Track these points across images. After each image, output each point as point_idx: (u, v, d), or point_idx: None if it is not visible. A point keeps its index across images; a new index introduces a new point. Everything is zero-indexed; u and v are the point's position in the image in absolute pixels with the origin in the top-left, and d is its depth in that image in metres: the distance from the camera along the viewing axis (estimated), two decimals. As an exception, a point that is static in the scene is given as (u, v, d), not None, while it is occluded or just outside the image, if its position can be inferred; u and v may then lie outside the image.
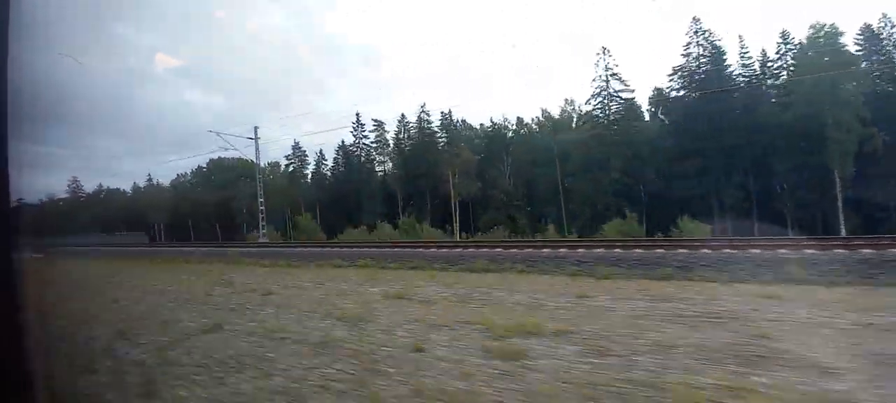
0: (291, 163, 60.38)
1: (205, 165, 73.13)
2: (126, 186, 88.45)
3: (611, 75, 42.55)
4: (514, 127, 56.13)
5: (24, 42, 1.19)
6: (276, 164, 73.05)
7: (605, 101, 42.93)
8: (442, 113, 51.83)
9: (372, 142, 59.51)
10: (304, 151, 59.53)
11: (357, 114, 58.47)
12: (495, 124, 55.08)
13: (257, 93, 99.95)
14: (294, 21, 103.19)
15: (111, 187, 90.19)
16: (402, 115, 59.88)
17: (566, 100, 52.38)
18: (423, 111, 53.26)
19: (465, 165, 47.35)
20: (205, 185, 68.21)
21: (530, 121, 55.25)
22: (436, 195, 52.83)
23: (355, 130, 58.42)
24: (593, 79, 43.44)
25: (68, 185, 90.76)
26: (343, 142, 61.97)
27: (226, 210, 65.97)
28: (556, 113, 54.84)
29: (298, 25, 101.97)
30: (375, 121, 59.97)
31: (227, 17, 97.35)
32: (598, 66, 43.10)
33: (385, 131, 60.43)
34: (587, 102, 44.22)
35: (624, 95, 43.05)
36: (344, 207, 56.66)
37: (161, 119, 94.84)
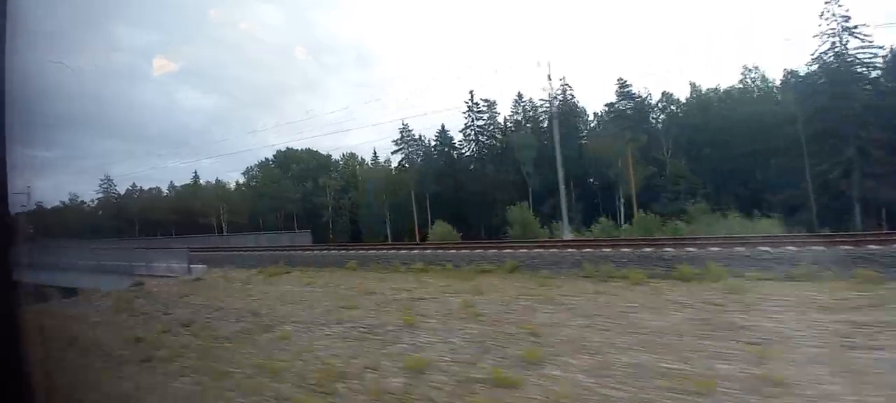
0: (400, 149, 51.13)
1: (270, 158, 64.07)
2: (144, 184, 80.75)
3: (845, 29, 33.39)
4: (661, 102, 47.00)
5: (22, 47, 1.16)
6: (352, 155, 63.93)
7: (840, 59, 33.69)
8: (621, 81, 41.53)
9: (485, 124, 50.42)
10: (413, 134, 50.26)
11: (470, 93, 49.38)
12: (641, 99, 45.72)
13: (253, 93, 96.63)
14: (289, 21, 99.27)
15: (143, 187, 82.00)
16: (519, 94, 51.09)
17: (745, 67, 43.25)
18: (564, 84, 44.12)
19: (635, 149, 38.23)
20: (278, 179, 58.73)
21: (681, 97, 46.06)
22: (580, 184, 43.82)
23: (469, 111, 49.25)
24: (816, 35, 34.27)
25: (100, 185, 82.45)
26: (443, 126, 52.88)
27: (303, 205, 56.63)
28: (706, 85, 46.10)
29: (293, 25, 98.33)
30: (485, 100, 51.00)
31: (220, 17, 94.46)
32: (823, 16, 33.97)
33: (496, 112, 51.49)
34: (812, 63, 34.89)
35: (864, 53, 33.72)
36: (462, 199, 47.58)
37: (156, 120, 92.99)
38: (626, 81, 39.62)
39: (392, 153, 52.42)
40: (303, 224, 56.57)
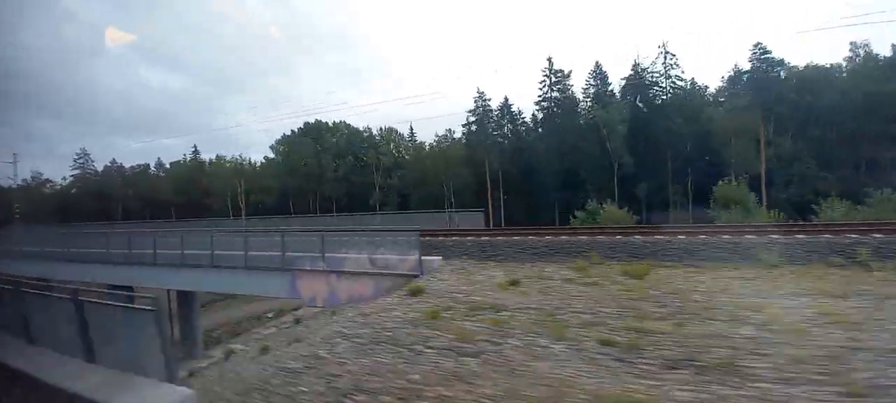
0: (476, 119, 44.67)
1: (296, 130, 55.73)
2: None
3: None
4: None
5: None
6: (390, 130, 56.71)
7: None
8: (758, 47, 35.89)
9: (561, 98, 45.22)
10: (489, 103, 43.99)
11: (548, 60, 43.89)
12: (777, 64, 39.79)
13: (221, 73, 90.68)
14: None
15: (123, 164, 72.08)
16: (597, 63, 46.17)
17: (853, 43, 39.61)
18: (665, 50, 39.43)
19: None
20: (312, 154, 50.72)
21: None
22: (686, 163, 39.56)
23: (548, 79, 43.83)
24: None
25: (75, 160, 71.97)
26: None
27: (345, 184, 49.36)
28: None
29: (266, 4, 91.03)
30: (558, 71, 45.72)
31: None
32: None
33: (569, 84, 46.35)
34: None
35: None
36: (535, 178, 42.44)
37: (113, 100, 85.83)
38: (764, 46, 35.26)
39: (462, 125, 46.08)
40: (342, 206, 49.44)
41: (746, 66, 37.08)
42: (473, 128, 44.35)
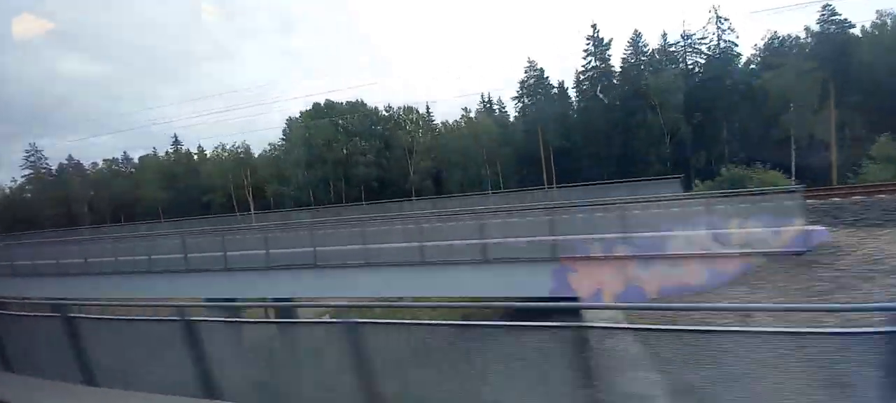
0: (523, 94, 41.16)
1: (303, 112, 49.75)
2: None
3: None
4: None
5: None
6: (410, 109, 52.26)
7: None
8: (826, 6, 34.47)
9: (603, 67, 43.30)
10: (541, 73, 40.88)
11: (593, 26, 41.62)
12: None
13: (151, 60, 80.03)
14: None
15: (81, 162, 62.28)
16: (636, 31, 44.51)
17: (879, 11, 40.15)
18: (717, 15, 38.37)
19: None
20: (337, 138, 45.38)
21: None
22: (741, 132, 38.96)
23: (593, 47, 41.61)
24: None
25: (26, 157, 61.84)
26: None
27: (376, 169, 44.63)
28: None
29: None
30: (599, 39, 43.65)
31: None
32: None
33: (608, 55, 44.50)
34: None
35: None
36: (584, 151, 40.55)
37: (35, 95, 71.79)
38: (833, 8, 34.50)
39: (512, 98, 42.86)
40: (373, 193, 44.88)
41: (786, 32, 37.15)
42: (526, 100, 41.40)
